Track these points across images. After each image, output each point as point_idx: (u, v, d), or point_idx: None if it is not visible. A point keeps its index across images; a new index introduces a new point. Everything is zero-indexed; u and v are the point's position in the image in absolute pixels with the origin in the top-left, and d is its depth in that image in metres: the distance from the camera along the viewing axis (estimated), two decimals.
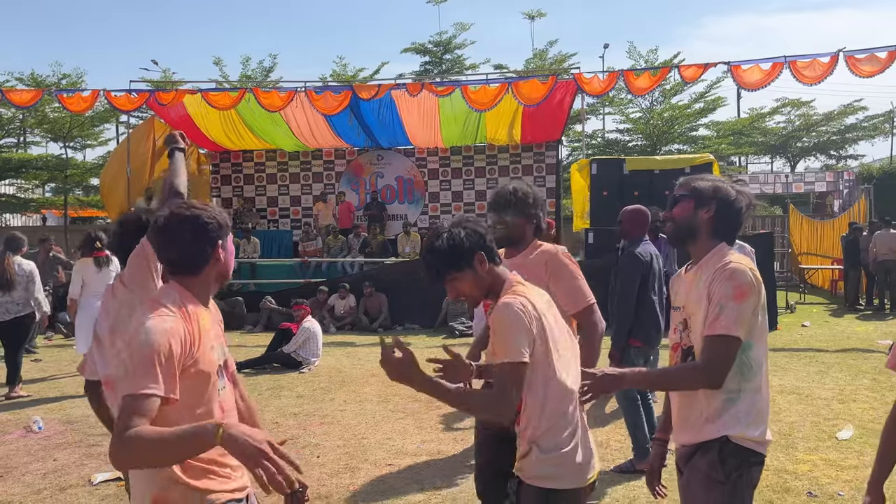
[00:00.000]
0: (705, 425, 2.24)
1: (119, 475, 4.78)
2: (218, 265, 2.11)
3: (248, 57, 26.64)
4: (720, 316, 2.14)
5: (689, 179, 2.40)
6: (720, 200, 2.31)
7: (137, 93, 14.77)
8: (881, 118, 28.09)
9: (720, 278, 2.19)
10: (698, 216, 2.32)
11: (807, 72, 12.29)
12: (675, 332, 2.40)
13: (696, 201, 2.32)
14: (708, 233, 2.32)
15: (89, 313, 7.49)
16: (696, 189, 2.34)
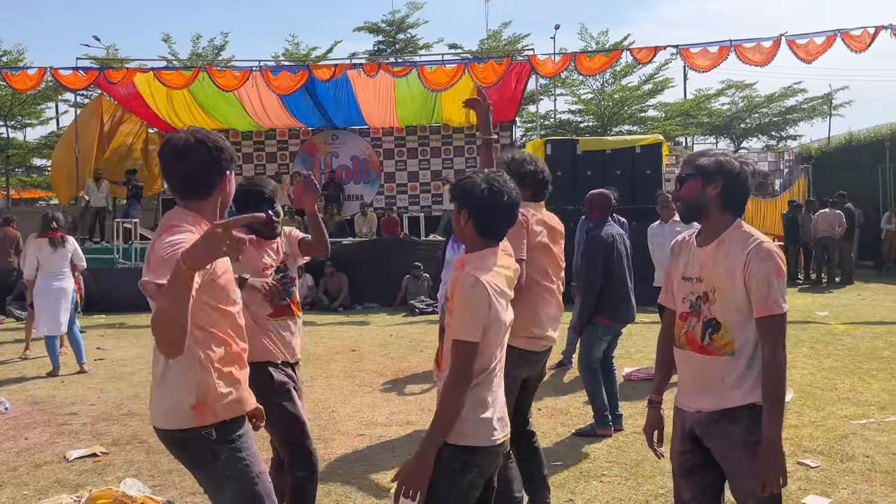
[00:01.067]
0: (729, 392, 2.32)
1: (94, 451, 4.85)
2: (223, 193, 2.28)
3: (199, 34, 26.02)
4: (770, 295, 2.25)
5: (693, 157, 2.47)
6: (726, 175, 2.36)
7: (86, 70, 14.42)
8: (819, 100, 29.09)
9: (758, 258, 2.27)
10: (706, 193, 2.38)
11: (752, 55, 12.77)
12: (684, 301, 2.45)
13: (703, 179, 2.38)
14: (718, 208, 2.38)
15: (48, 294, 7.46)
16: (701, 166, 2.39)
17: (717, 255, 2.36)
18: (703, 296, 2.39)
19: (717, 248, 2.37)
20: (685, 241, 2.54)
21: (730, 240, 2.35)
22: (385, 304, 12.49)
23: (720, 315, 2.34)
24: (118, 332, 10.18)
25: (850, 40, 12.35)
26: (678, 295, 2.50)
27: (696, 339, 2.40)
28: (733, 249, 2.33)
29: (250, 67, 14.26)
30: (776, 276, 2.27)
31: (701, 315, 2.39)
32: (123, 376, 7.33)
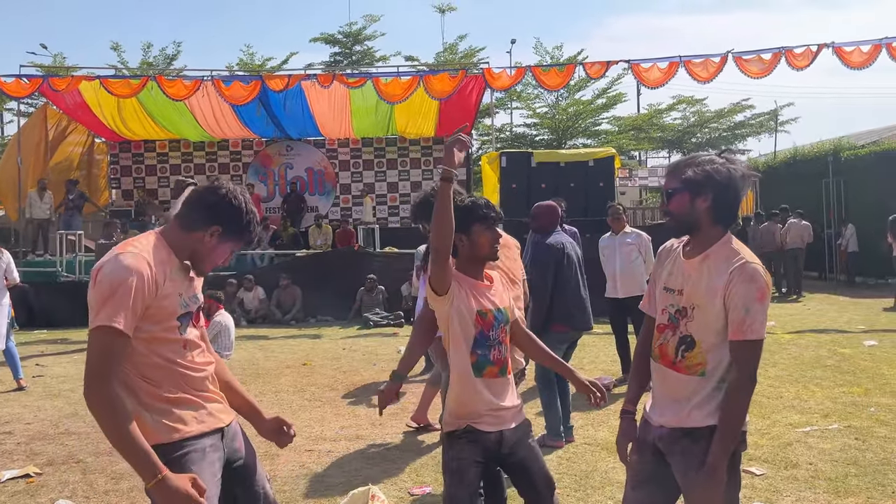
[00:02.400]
0: (694, 411, 2.26)
1: (28, 472, 4.64)
2: (201, 244, 2.19)
3: (150, 43, 25.60)
4: (747, 319, 2.16)
5: (679, 168, 2.33)
6: (715, 186, 2.24)
7: (29, 78, 14.00)
8: (766, 116, 30.02)
9: (740, 278, 2.18)
10: (696, 207, 2.27)
11: (700, 71, 13.07)
12: (664, 312, 2.37)
13: (691, 192, 2.27)
14: (709, 221, 2.28)
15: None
16: (689, 179, 2.27)
17: (702, 269, 2.28)
18: (682, 310, 2.31)
19: (702, 263, 2.28)
20: (672, 248, 2.44)
21: (716, 255, 2.26)
22: (339, 316, 12.34)
23: (696, 333, 2.27)
24: (59, 348, 9.83)
25: (793, 58, 12.73)
26: (659, 304, 2.42)
27: (669, 355, 2.34)
28: (717, 266, 2.24)
29: (202, 77, 14.02)
30: (758, 301, 2.17)
31: (678, 330, 2.32)
32: (62, 393, 7.06)
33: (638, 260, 6.90)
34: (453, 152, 2.72)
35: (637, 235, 7.03)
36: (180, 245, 2.19)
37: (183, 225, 2.20)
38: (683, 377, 2.29)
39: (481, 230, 2.75)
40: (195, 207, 2.20)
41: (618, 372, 7.06)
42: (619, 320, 7.07)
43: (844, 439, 4.95)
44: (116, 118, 16.39)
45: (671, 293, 2.35)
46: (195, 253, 2.20)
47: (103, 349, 1.97)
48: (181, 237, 2.20)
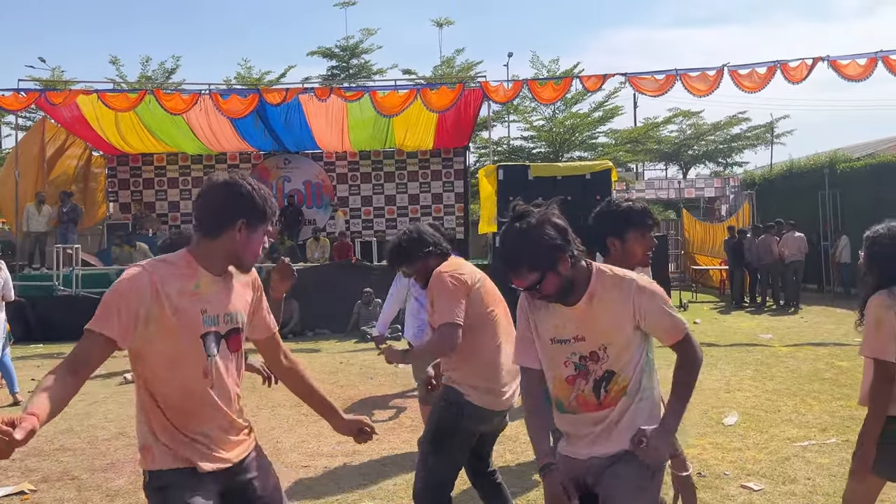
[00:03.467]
0: (625, 433, 2.24)
1: (22, 489, 4.61)
2: (234, 242, 2.11)
3: (149, 57, 25.65)
4: (673, 321, 2.24)
5: (520, 259, 2.19)
6: (557, 251, 2.18)
7: (26, 92, 14.03)
8: (762, 128, 30.13)
9: (645, 298, 2.23)
10: (562, 274, 2.20)
11: (697, 84, 13.14)
12: (566, 365, 2.29)
13: (550, 268, 2.18)
14: (574, 271, 2.24)
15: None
16: (538, 262, 2.17)
17: (595, 309, 2.24)
18: (592, 355, 2.26)
19: (592, 303, 2.24)
20: (532, 302, 2.34)
21: (602, 288, 2.24)
22: (336, 330, 12.32)
23: (615, 365, 2.26)
24: (55, 363, 9.70)
25: (789, 72, 12.81)
26: (554, 357, 2.31)
27: (591, 401, 2.27)
28: (612, 297, 2.24)
29: (199, 91, 14.06)
30: (665, 303, 2.27)
31: (590, 375, 2.26)
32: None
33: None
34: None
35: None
36: (211, 254, 2.12)
37: (207, 233, 2.12)
38: (607, 409, 2.27)
39: (636, 237, 2.74)
40: (210, 212, 2.12)
41: None
42: None
43: (842, 454, 4.94)
44: (114, 132, 16.41)
45: (566, 343, 2.28)
46: (232, 254, 2.13)
47: (81, 343, 1.98)
48: (210, 246, 2.12)
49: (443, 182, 18.37)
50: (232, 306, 2.18)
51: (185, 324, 2.06)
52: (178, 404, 2.10)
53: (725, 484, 4.44)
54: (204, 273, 2.12)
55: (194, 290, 2.09)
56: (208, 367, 2.11)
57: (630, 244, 2.71)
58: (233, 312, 2.18)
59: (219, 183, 2.13)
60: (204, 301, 2.10)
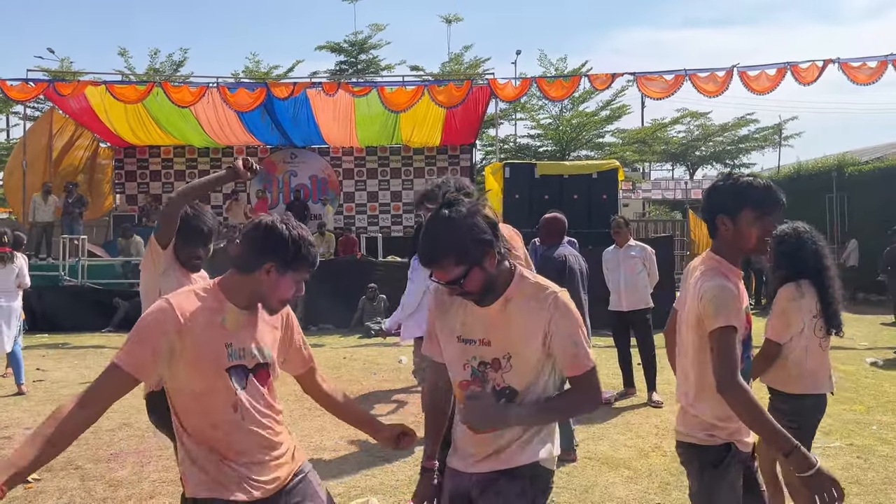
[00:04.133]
0: (516, 453, 2.09)
1: (27, 478, 4.62)
2: (261, 283, 2.10)
3: (157, 49, 25.80)
4: (580, 352, 2.05)
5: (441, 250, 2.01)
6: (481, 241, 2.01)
7: (35, 82, 14.05)
8: (770, 130, 30.06)
9: (559, 314, 2.04)
10: (488, 270, 2.03)
11: (706, 85, 13.10)
12: (465, 368, 2.12)
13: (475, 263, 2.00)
14: (497, 271, 2.08)
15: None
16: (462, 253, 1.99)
17: (508, 314, 2.07)
18: (494, 362, 2.08)
19: (506, 307, 2.08)
20: (449, 295, 2.16)
21: (519, 294, 2.08)
22: (340, 325, 12.33)
23: (517, 382, 2.07)
24: (60, 353, 9.82)
25: (799, 73, 12.76)
26: (455, 357, 2.15)
27: None
28: (527, 306, 2.06)
29: (207, 83, 14.07)
30: (579, 330, 2.06)
31: (487, 385, 2.10)
32: (62, 398, 7.03)
33: (642, 273, 6.87)
34: None
35: (641, 249, 7.01)
36: (239, 289, 2.13)
37: (240, 268, 2.13)
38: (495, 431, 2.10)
39: (752, 218, 2.32)
40: (246, 249, 2.12)
41: (618, 385, 7.03)
42: (623, 333, 7.05)
43: (846, 458, 4.92)
44: (122, 123, 16.46)
45: (471, 344, 2.11)
46: (257, 293, 2.13)
47: (100, 377, 1.99)
48: (240, 281, 2.13)
49: None
50: (258, 341, 2.18)
51: (210, 357, 2.06)
52: (211, 435, 2.10)
53: None
54: (231, 307, 2.12)
55: (222, 323, 2.10)
56: (237, 401, 2.11)
57: (743, 225, 2.32)
58: (259, 347, 2.17)
59: (261, 223, 2.14)
60: (229, 335, 2.10)
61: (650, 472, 4.69)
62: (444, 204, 2.03)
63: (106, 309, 12.05)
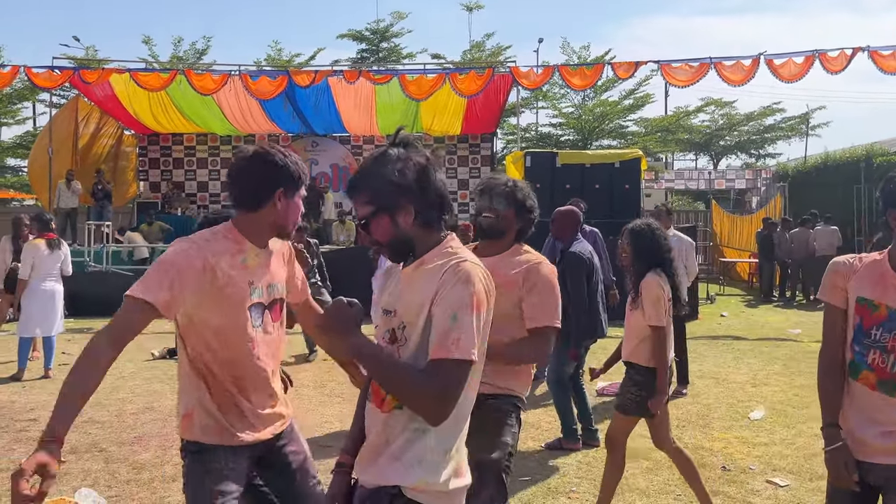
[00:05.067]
0: (387, 466, 1.73)
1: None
2: (275, 212, 2.17)
3: (180, 38, 25.94)
4: (453, 331, 1.63)
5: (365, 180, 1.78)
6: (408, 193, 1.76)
7: (60, 70, 14.19)
8: (797, 120, 29.55)
9: (452, 281, 1.67)
10: (399, 224, 1.76)
11: (731, 73, 12.90)
12: (383, 342, 1.80)
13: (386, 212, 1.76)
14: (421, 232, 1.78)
15: (39, 297, 7.33)
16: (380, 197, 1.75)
17: (413, 280, 1.78)
18: (392, 333, 1.78)
19: (415, 272, 1.78)
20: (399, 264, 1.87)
21: (430, 260, 1.77)
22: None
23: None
24: (85, 337, 9.91)
25: (828, 62, 12.52)
26: (378, 332, 1.86)
27: (380, 391, 1.77)
28: (429, 270, 1.74)
29: (229, 71, 14.12)
30: (470, 309, 1.65)
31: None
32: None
33: (676, 264, 6.67)
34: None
35: (678, 239, 6.74)
36: (255, 227, 2.19)
37: (248, 207, 2.18)
38: (382, 416, 1.75)
39: None
40: (248, 185, 2.17)
41: None
42: None
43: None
44: (146, 111, 16.60)
45: (388, 316, 1.81)
46: (274, 223, 2.20)
47: (119, 314, 1.99)
48: (255, 219, 2.18)
49: (469, 168, 18.31)
50: (274, 277, 2.27)
51: (235, 296, 2.13)
52: (226, 373, 2.16)
53: (751, 478, 4.38)
54: (250, 246, 2.19)
55: (242, 263, 2.16)
56: (253, 337, 2.18)
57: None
58: (275, 283, 2.27)
59: (250, 156, 2.19)
60: (251, 273, 2.17)
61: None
62: (396, 141, 1.82)
63: None
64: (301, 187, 2.22)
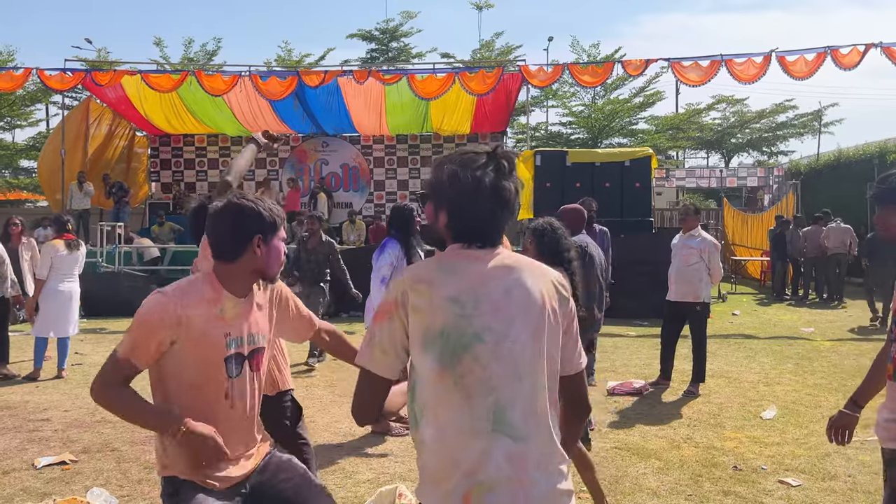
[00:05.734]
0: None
1: (64, 458, 4.74)
2: (255, 259, 2.15)
3: (191, 39, 26.16)
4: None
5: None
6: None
7: (72, 72, 14.28)
8: (810, 117, 29.33)
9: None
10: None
11: (742, 71, 12.81)
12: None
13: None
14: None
15: (56, 298, 7.40)
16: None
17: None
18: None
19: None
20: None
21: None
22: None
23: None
24: (97, 337, 10.03)
25: (840, 58, 12.41)
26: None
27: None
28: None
29: (239, 72, 14.17)
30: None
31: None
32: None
33: (697, 265, 6.51)
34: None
35: (702, 240, 6.66)
36: (234, 276, 2.17)
37: (226, 256, 2.16)
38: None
39: None
40: (223, 236, 2.16)
41: (651, 375, 6.96)
42: (670, 323, 6.79)
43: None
44: (157, 112, 16.69)
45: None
46: (255, 270, 2.18)
47: (106, 366, 2.11)
48: (233, 269, 2.16)
49: None
50: (255, 327, 2.23)
51: (209, 348, 2.11)
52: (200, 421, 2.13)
53: (763, 478, 4.35)
54: (228, 296, 2.16)
55: (219, 314, 2.13)
56: (229, 388, 2.16)
57: None
58: (255, 333, 2.23)
59: (222, 209, 2.17)
60: (228, 325, 2.15)
61: (681, 464, 4.63)
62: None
63: (142, 295, 12.28)
64: (279, 229, 2.21)
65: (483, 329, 1.59)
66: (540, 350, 1.63)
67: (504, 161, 1.67)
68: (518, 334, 1.60)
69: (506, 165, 1.67)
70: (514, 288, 1.63)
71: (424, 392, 1.64)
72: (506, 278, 1.64)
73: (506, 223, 1.70)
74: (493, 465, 1.56)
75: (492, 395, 1.58)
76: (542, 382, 1.63)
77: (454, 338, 1.59)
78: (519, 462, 1.58)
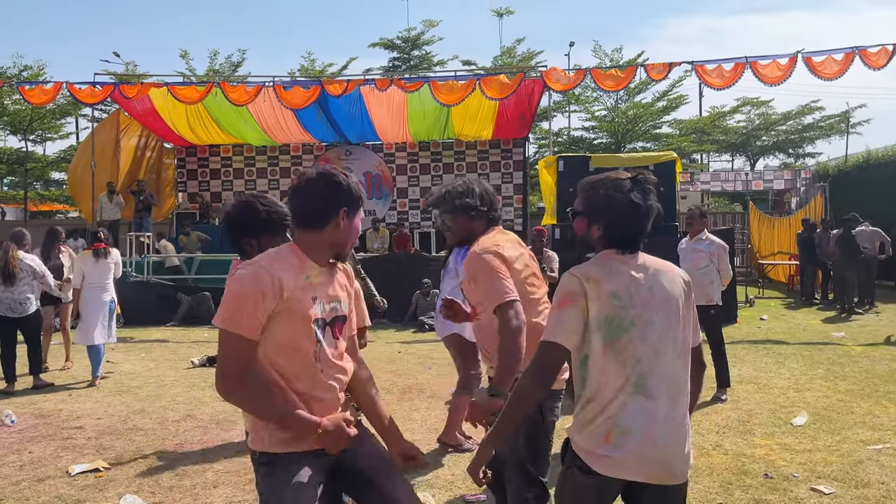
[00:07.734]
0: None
1: (97, 466, 4.82)
2: (337, 232, 2.25)
3: (216, 51, 26.47)
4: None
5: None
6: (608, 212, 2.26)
7: (101, 85, 14.54)
8: (837, 118, 28.88)
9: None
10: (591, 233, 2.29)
11: (767, 72, 12.66)
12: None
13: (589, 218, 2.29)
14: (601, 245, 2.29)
15: (92, 305, 7.64)
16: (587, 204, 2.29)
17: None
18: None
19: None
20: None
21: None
22: (394, 320, 12.43)
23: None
24: (128, 346, 10.18)
25: (868, 57, 12.22)
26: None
27: None
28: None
29: (263, 83, 14.33)
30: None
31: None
32: (131, 390, 7.31)
33: (708, 268, 6.54)
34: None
35: (710, 243, 6.69)
36: (318, 246, 2.26)
37: (311, 224, 2.25)
38: None
39: None
40: (313, 205, 2.24)
41: None
42: None
43: None
44: (184, 123, 16.93)
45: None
46: (336, 242, 2.27)
47: (224, 354, 2.14)
48: (316, 238, 2.25)
49: (501, 173, 18.29)
50: (337, 295, 2.32)
51: (300, 312, 2.18)
52: (292, 387, 2.21)
53: (794, 486, 4.29)
54: (312, 265, 2.25)
55: (306, 280, 2.22)
56: (318, 351, 2.23)
57: None
58: (337, 301, 2.31)
59: (316, 177, 2.26)
60: (314, 290, 2.23)
61: (711, 471, 4.58)
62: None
63: (170, 304, 12.48)
64: (360, 209, 2.30)
65: (635, 318, 2.13)
66: (673, 335, 2.17)
67: (648, 185, 2.21)
68: (658, 323, 2.15)
69: (650, 189, 2.21)
70: (655, 287, 2.18)
71: (590, 361, 2.16)
72: (649, 278, 2.19)
73: (647, 233, 2.23)
74: (630, 415, 2.10)
75: (637, 366, 2.12)
76: (672, 358, 2.16)
77: (615, 324, 2.12)
78: (650, 415, 2.10)
